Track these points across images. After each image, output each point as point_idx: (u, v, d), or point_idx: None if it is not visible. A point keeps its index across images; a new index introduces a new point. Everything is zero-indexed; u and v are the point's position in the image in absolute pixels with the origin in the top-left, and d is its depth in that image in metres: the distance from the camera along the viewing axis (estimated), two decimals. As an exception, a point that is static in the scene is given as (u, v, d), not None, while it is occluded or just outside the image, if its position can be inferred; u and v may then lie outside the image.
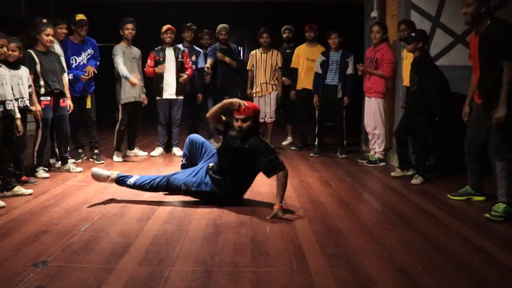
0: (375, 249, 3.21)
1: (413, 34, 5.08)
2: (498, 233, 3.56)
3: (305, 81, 7.16)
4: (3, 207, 4.05)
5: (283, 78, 7.36)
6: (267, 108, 7.28)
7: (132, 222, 3.73)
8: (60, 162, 5.65)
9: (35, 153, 5.24)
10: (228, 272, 2.79)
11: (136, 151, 6.84)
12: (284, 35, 7.62)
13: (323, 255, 3.08)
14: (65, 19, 5.98)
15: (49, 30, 5.20)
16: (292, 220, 3.76)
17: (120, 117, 6.41)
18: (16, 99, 4.67)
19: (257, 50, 7.33)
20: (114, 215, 3.90)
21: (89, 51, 6.18)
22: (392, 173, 5.56)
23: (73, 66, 6.00)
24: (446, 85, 5.22)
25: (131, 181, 4.34)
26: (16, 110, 4.53)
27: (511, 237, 3.50)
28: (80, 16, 6.01)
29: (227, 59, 7.18)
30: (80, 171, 5.52)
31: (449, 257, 3.07)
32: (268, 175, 4.03)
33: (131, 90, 6.30)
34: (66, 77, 5.58)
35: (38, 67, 5.14)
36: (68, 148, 5.67)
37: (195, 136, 4.72)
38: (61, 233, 3.43)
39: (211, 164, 4.32)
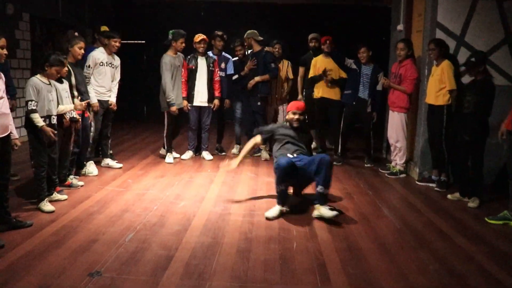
0: (392, 269, 3.53)
1: (472, 59, 5.12)
2: None
3: (324, 90, 7.34)
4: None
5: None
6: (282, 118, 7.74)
7: (171, 233, 4.11)
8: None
9: None
10: (261, 289, 3.16)
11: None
12: (311, 44, 7.80)
13: (345, 274, 3.42)
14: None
15: (82, 43, 5.39)
16: None
17: (166, 122, 6.91)
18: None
19: None
20: (154, 225, 4.29)
21: None
22: (449, 196, 5.49)
23: None
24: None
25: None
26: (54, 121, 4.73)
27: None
28: (104, 28, 6.67)
29: (257, 78, 7.30)
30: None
31: (462, 281, 3.37)
32: None
33: (177, 98, 6.81)
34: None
35: (73, 79, 5.30)
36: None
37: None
38: (109, 242, 3.84)
39: None
